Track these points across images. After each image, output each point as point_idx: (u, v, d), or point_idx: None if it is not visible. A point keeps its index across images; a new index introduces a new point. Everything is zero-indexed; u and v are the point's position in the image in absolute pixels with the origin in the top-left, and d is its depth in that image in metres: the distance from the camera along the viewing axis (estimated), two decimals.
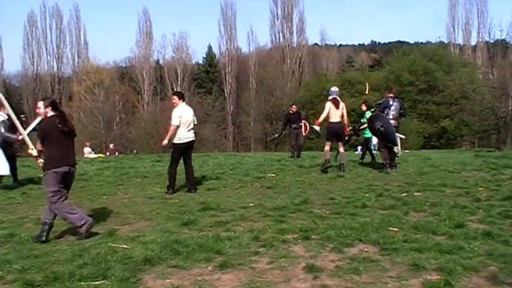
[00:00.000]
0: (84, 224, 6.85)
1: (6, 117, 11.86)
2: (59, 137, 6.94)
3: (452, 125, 43.62)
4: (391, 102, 13.94)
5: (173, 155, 10.86)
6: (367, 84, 19.01)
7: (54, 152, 6.90)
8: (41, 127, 7.14)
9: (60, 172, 6.89)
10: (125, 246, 6.27)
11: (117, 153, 34.28)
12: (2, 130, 11.78)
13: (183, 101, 11.03)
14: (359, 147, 37.52)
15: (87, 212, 8.73)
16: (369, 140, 16.80)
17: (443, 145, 42.83)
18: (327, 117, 13.65)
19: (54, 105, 7.12)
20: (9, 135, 11.73)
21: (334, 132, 13.77)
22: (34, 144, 7.39)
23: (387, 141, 13.29)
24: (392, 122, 13.46)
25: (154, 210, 8.74)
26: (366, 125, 15.93)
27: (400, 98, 15.66)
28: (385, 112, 13.72)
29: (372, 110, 15.94)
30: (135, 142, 54.22)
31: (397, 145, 13.77)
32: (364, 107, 16.95)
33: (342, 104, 13.71)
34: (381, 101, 14.28)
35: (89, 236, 6.86)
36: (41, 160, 7.16)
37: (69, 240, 6.80)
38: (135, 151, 34.67)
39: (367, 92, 19.96)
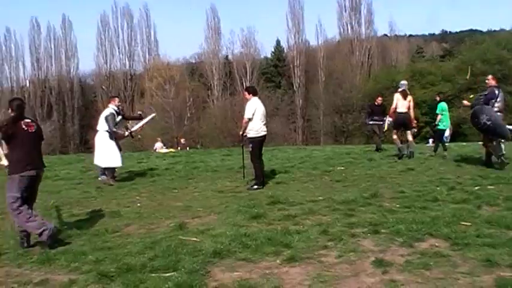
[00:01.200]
0: (44, 231, 6.39)
1: (116, 109, 12.45)
2: (24, 139, 6.65)
3: None
4: (496, 92, 12.09)
5: (253, 149, 10.80)
6: (469, 68, 18.21)
7: (20, 155, 6.59)
8: (4, 129, 6.64)
9: (28, 176, 6.62)
10: (195, 239, 6.39)
11: (188, 148, 34.83)
12: (111, 124, 12.17)
13: (255, 95, 11.03)
14: (430, 140, 36.90)
15: (157, 205, 8.97)
16: (442, 132, 16.40)
17: None
18: (395, 107, 14.33)
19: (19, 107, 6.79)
20: (115, 130, 12.23)
21: (401, 122, 14.69)
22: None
23: (497, 135, 11.84)
24: (498, 114, 11.95)
25: (223, 204, 8.83)
26: (440, 117, 16.02)
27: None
28: (490, 104, 11.97)
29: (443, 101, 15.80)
30: (206, 137, 54.91)
31: (510, 139, 12.32)
32: (437, 98, 16.68)
33: (409, 97, 14.55)
34: (486, 92, 12.31)
35: (53, 243, 6.45)
36: (5, 162, 6.74)
37: (141, 233, 6.97)
38: (199, 146, 35.09)
39: (468, 77, 19.25)
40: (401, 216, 7.23)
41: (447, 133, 17.50)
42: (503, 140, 12.09)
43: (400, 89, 14.69)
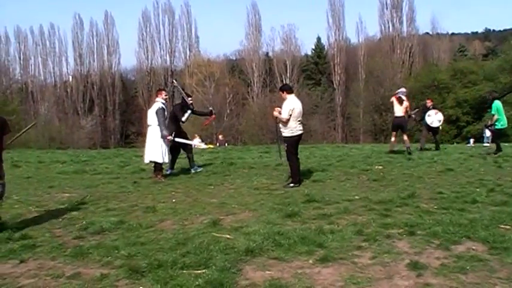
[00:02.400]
0: None
1: (164, 102, 12.37)
2: None
3: None
4: None
5: (289, 149, 10.64)
6: None
7: None
8: None
9: None
10: (228, 236, 6.34)
11: (226, 144, 34.94)
12: (161, 119, 11.98)
13: (291, 93, 10.87)
14: (471, 140, 36.30)
15: (192, 201, 8.97)
16: (501, 131, 16.18)
17: None
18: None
19: None
20: (163, 128, 11.98)
21: (397, 125, 16.89)
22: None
23: None
24: None
25: (258, 201, 8.76)
26: (497, 117, 15.78)
27: None
28: None
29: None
30: (245, 133, 55.07)
31: None
32: (490, 97, 16.46)
33: (405, 103, 16.64)
34: None
35: None
36: None
37: (174, 229, 6.94)
38: (226, 144, 35.23)
39: None
40: (438, 217, 7.06)
41: (488, 133, 17.18)
42: None
43: (397, 95, 16.89)
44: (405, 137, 16.58)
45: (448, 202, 8.21)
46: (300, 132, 10.71)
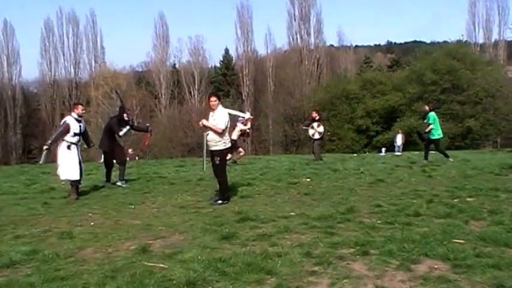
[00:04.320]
0: None
1: (77, 117, 11.41)
2: None
3: (478, 125, 42.46)
4: None
5: (222, 162, 9.94)
6: None
7: None
8: None
9: None
10: (162, 265, 5.53)
11: (137, 158, 33.89)
12: (58, 133, 11.21)
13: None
14: (383, 149, 37.00)
15: (113, 223, 8.08)
16: (438, 141, 16.73)
17: (467, 145, 41.74)
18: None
19: None
20: (51, 139, 11.19)
21: None
22: None
23: None
24: None
25: (187, 222, 7.99)
26: (431, 126, 16.14)
27: None
28: None
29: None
30: (154, 146, 53.69)
31: None
32: (427, 108, 16.78)
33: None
34: None
35: None
36: None
37: (98, 258, 6.02)
38: (137, 158, 34.32)
39: None
40: (387, 233, 6.61)
41: (399, 142, 17.51)
42: None
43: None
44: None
45: (391, 216, 7.79)
46: (230, 143, 10.07)
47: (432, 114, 16.44)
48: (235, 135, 18.00)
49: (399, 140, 34.11)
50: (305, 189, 10.95)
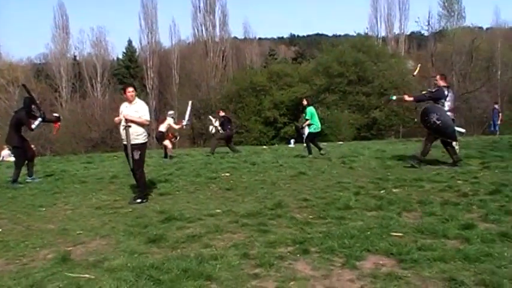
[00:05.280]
0: None
1: None
2: None
3: (383, 115, 43.53)
4: (446, 92, 11.94)
5: (141, 157, 9.44)
6: (419, 66, 17.68)
7: None
8: None
9: None
10: (88, 276, 4.95)
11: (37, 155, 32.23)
12: None
13: None
14: (292, 140, 37.11)
15: (24, 229, 7.34)
16: (314, 135, 16.41)
17: (374, 135, 42.72)
18: None
19: None
20: None
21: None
22: None
23: (445, 136, 11.81)
24: (449, 114, 11.85)
25: (107, 224, 7.39)
26: (309, 121, 16.03)
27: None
28: (440, 103, 11.83)
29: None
30: (56, 142, 51.60)
31: (456, 140, 12.21)
32: (305, 102, 16.53)
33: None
34: (434, 90, 12.17)
35: None
36: None
37: (12, 271, 5.33)
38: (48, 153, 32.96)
39: (415, 74, 18.74)
40: (322, 229, 6.37)
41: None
42: (454, 144, 12.04)
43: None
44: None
45: (321, 210, 7.57)
46: None
47: (310, 108, 16.31)
48: (163, 127, 18.33)
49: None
50: (226, 184, 10.55)
